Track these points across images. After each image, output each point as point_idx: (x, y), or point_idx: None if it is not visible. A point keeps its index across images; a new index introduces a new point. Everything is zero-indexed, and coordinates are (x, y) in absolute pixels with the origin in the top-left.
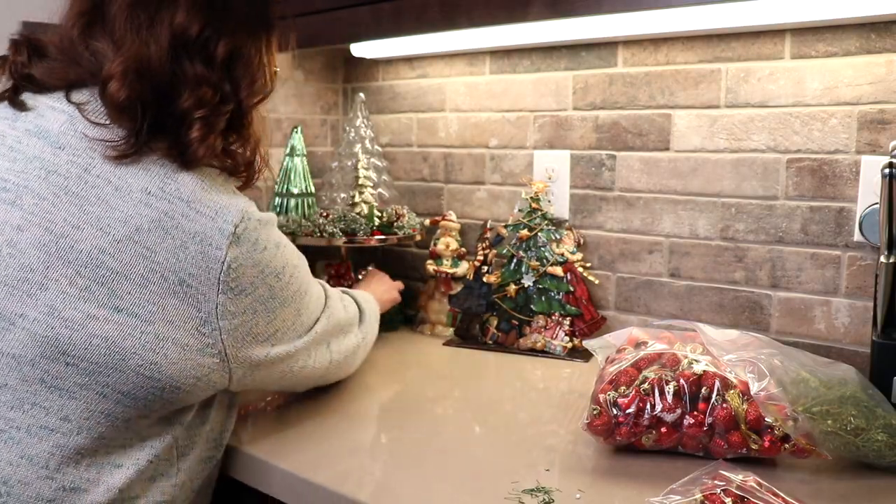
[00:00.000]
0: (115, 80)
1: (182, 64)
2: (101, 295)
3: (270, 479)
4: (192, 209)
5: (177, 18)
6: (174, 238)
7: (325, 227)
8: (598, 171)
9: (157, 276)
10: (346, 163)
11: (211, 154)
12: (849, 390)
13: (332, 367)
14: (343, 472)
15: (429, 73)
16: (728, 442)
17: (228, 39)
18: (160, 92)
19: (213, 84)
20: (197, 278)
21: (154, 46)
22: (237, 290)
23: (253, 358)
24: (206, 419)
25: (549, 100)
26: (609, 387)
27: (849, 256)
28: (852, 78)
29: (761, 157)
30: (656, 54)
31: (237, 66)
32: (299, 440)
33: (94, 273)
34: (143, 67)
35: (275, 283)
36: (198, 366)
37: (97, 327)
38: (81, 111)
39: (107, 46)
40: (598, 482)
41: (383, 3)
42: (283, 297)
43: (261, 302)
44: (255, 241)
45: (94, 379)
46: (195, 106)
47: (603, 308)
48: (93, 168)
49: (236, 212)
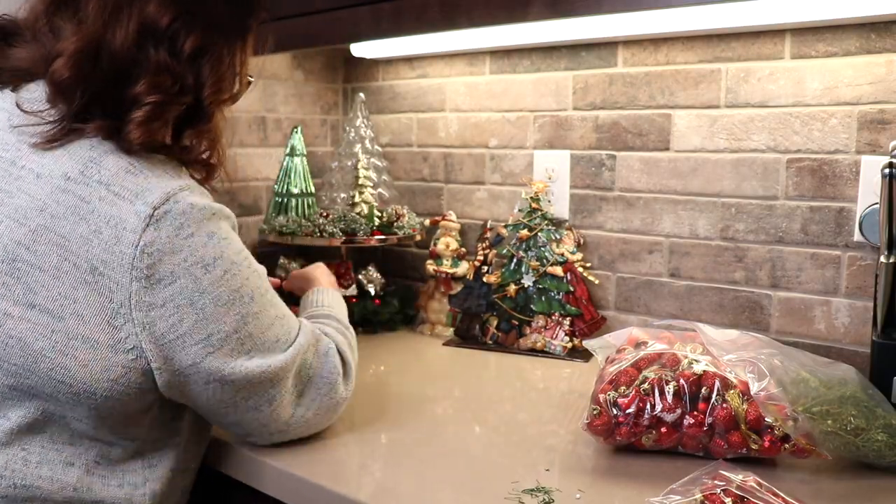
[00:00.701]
0: (62, 57)
1: (146, 51)
2: (17, 291)
3: (269, 478)
4: (110, 192)
5: (148, 7)
6: (89, 223)
7: (325, 227)
8: (598, 171)
9: (69, 265)
10: (346, 163)
11: (147, 138)
12: (849, 390)
13: (295, 423)
14: (343, 472)
15: (429, 73)
16: (728, 442)
17: (199, 35)
18: (114, 76)
19: (175, 73)
20: (109, 265)
21: (120, 31)
22: (153, 279)
23: (178, 362)
24: (176, 431)
25: (549, 100)
26: (609, 387)
27: (849, 256)
28: (852, 78)
29: (761, 157)
30: (656, 54)
31: (205, 62)
32: (299, 440)
33: (11, 268)
34: (99, 49)
35: (201, 276)
36: (111, 365)
37: (12, 326)
38: (19, 104)
39: (69, 26)
40: (598, 482)
41: (383, 3)
42: (215, 295)
43: (184, 296)
44: (180, 225)
45: (19, 380)
46: (148, 90)
47: (603, 308)
48: (19, 160)
49: (160, 193)
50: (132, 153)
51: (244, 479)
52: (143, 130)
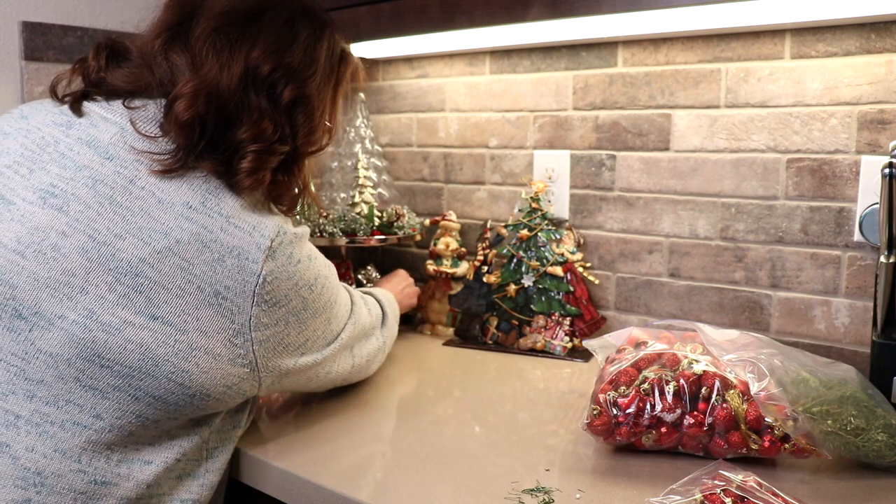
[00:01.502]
0: (183, 99)
1: (248, 95)
2: (139, 303)
3: (270, 479)
4: (230, 224)
5: (253, 53)
6: (212, 251)
7: (325, 227)
8: (598, 171)
9: (193, 287)
10: (346, 163)
11: (256, 186)
12: (849, 390)
13: (354, 371)
14: (343, 473)
15: (429, 73)
16: (728, 442)
17: (296, 86)
18: (224, 116)
19: (275, 121)
20: (232, 290)
21: (227, 73)
22: (271, 303)
23: (282, 367)
24: (238, 423)
25: (549, 100)
26: (609, 387)
27: (849, 256)
28: (852, 78)
29: (761, 157)
30: (656, 54)
31: (299, 113)
32: (299, 440)
33: (134, 281)
34: (214, 91)
35: (307, 295)
36: (228, 375)
37: (133, 333)
38: (134, 123)
39: (184, 63)
40: (598, 482)
41: (383, 3)
42: (314, 308)
43: (293, 314)
44: (290, 255)
45: (128, 382)
46: (252, 139)
47: (603, 308)
48: (138, 180)
49: (273, 227)
50: (239, 193)
51: (242, 479)
52: (253, 180)
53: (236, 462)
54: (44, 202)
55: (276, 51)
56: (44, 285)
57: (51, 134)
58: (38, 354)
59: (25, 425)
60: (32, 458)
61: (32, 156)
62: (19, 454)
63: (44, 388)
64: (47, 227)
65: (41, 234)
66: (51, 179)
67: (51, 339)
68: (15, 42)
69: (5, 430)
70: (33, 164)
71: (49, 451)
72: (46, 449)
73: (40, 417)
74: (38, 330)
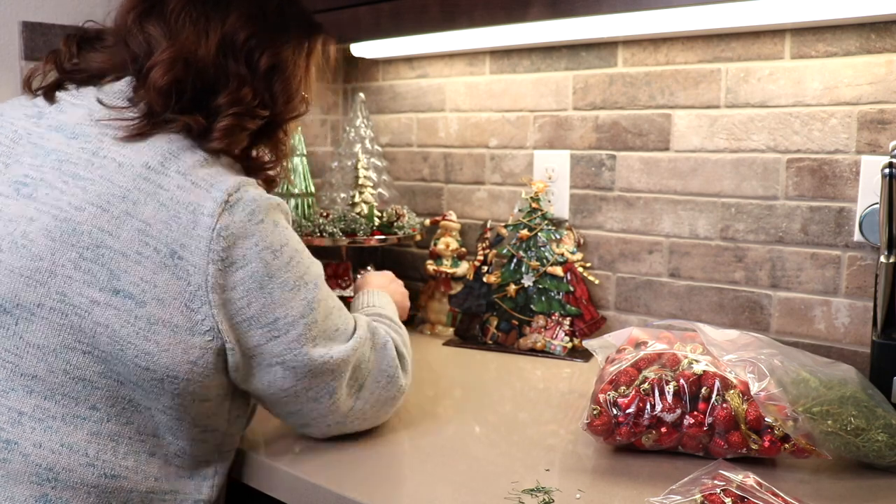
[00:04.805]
0: (160, 66)
1: (227, 63)
2: (102, 277)
3: (270, 479)
4: (187, 181)
5: (228, 21)
6: (168, 209)
7: (325, 227)
8: (598, 171)
9: (150, 250)
10: (346, 163)
11: (227, 146)
12: (849, 390)
13: (353, 416)
14: (343, 473)
15: (429, 73)
16: (728, 442)
17: (273, 53)
18: (203, 81)
19: (254, 88)
20: (187, 248)
21: (204, 41)
22: (227, 262)
23: (246, 342)
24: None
25: (549, 100)
26: (609, 387)
27: (849, 256)
28: (852, 78)
29: (761, 157)
30: (656, 54)
31: (277, 80)
32: (299, 440)
33: (95, 253)
34: (192, 57)
35: (270, 260)
36: (190, 347)
37: (99, 314)
38: (100, 100)
39: (160, 33)
40: (598, 482)
41: (383, 3)
42: (282, 281)
43: (254, 279)
44: (252, 211)
45: (109, 367)
46: (231, 102)
47: (603, 308)
48: (101, 150)
49: (233, 182)
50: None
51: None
52: (225, 138)
53: (237, 462)
54: (17, 193)
55: (250, 17)
56: (19, 275)
57: (23, 127)
58: (27, 348)
59: (29, 421)
60: (42, 455)
61: (7, 150)
62: (28, 451)
63: (39, 383)
64: (19, 216)
65: (13, 225)
66: (24, 170)
67: (35, 331)
68: (15, 42)
69: (11, 428)
70: (8, 158)
71: (56, 447)
72: (53, 444)
73: (42, 412)
74: (22, 322)
